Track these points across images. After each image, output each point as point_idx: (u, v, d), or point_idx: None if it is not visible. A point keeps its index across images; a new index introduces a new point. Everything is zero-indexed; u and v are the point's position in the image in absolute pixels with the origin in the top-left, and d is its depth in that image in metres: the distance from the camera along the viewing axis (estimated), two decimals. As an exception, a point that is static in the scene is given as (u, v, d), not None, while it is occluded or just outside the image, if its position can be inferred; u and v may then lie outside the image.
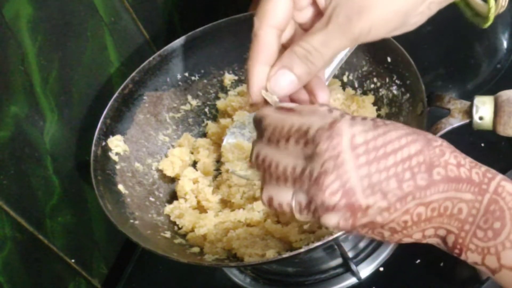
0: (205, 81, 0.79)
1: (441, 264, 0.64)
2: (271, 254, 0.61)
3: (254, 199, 0.68)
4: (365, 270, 0.68)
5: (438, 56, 0.84)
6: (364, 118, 0.38)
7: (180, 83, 0.77)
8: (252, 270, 0.72)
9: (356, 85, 0.74)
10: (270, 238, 0.64)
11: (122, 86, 0.72)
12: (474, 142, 0.73)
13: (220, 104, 0.78)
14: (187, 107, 0.78)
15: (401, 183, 0.36)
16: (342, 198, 0.36)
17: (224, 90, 0.79)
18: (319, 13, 0.44)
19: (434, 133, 0.61)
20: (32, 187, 0.66)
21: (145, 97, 0.75)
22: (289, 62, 0.42)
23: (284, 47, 0.44)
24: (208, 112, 0.80)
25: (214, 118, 0.80)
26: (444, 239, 0.39)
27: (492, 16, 0.51)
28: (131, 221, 0.65)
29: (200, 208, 0.70)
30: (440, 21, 0.87)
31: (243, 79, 0.79)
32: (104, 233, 0.78)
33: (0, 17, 0.60)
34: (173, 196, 0.73)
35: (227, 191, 0.70)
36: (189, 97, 0.78)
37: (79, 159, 0.72)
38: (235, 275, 0.72)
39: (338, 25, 0.40)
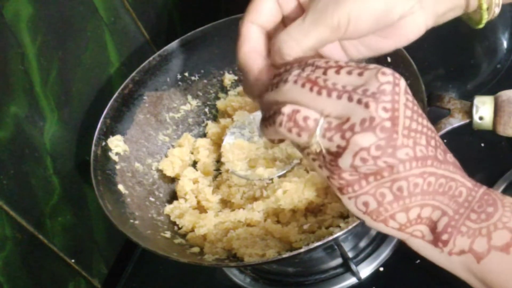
0: (205, 81, 0.79)
1: (441, 264, 0.64)
2: (271, 254, 0.61)
3: (254, 199, 0.68)
4: (365, 270, 0.68)
5: (438, 56, 0.84)
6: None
7: (180, 83, 0.77)
8: (252, 270, 0.72)
9: None
10: (270, 238, 0.64)
11: (122, 86, 0.72)
12: (474, 142, 0.73)
13: (220, 104, 0.78)
14: (187, 107, 0.78)
15: (428, 145, 0.38)
16: (389, 120, 0.36)
17: (224, 90, 0.79)
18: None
19: None
20: (32, 187, 0.66)
21: (145, 97, 0.75)
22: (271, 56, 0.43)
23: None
24: (208, 112, 0.80)
25: (214, 118, 0.80)
26: (434, 224, 0.39)
27: (483, 22, 0.51)
28: (131, 221, 0.65)
29: (200, 208, 0.70)
30: (440, 21, 0.87)
31: (243, 79, 0.79)
32: (104, 233, 0.78)
33: (0, 17, 0.60)
34: (173, 196, 0.73)
35: (227, 191, 0.70)
36: (189, 97, 0.78)
37: (79, 159, 0.72)
38: (235, 275, 0.72)
39: (316, 12, 0.40)
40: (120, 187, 0.68)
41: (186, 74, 0.77)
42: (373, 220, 0.39)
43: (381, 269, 0.68)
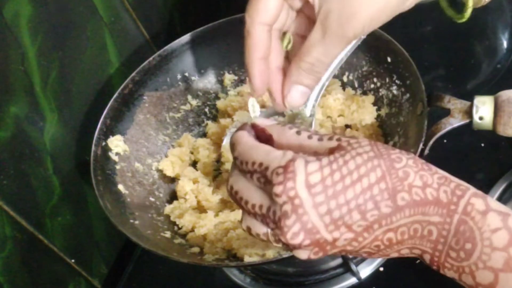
0: (205, 81, 0.79)
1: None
2: (271, 254, 0.61)
3: None
4: (365, 270, 0.68)
5: (438, 56, 0.84)
6: (319, 157, 0.37)
7: (180, 83, 0.77)
8: (252, 270, 0.72)
9: (356, 85, 0.74)
10: None
11: (122, 86, 0.72)
12: (474, 142, 0.73)
13: (220, 104, 0.78)
14: (187, 107, 0.78)
15: (364, 214, 0.36)
16: (305, 239, 0.36)
17: (224, 90, 0.79)
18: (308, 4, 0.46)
19: (434, 133, 0.61)
20: (32, 187, 0.66)
21: (145, 97, 0.75)
22: (298, 78, 0.47)
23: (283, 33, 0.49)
24: (208, 112, 0.80)
25: (214, 118, 0.80)
26: (421, 256, 0.39)
27: (469, 11, 0.51)
28: (131, 221, 0.65)
29: (200, 208, 0.70)
30: (440, 21, 0.87)
31: (243, 79, 0.79)
32: (104, 233, 0.78)
33: (0, 17, 0.60)
34: (173, 196, 0.73)
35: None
36: (189, 97, 0.78)
37: (79, 159, 0.72)
38: (235, 275, 0.72)
39: (334, 34, 0.44)
40: (120, 187, 0.68)
41: (186, 74, 0.77)
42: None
43: (381, 269, 0.68)
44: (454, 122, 0.59)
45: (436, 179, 0.37)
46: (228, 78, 0.79)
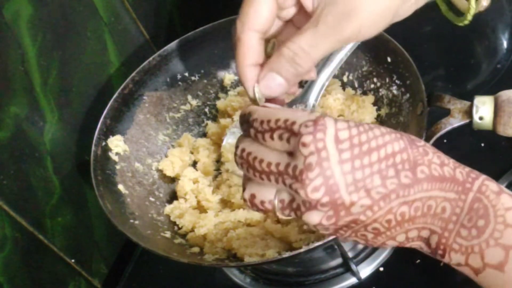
0: (205, 81, 0.79)
1: (441, 264, 0.64)
2: (271, 254, 0.61)
3: None
4: (365, 270, 0.68)
5: (438, 56, 0.84)
6: (346, 119, 0.38)
7: (180, 83, 0.77)
8: (252, 270, 0.72)
9: (356, 85, 0.74)
10: (270, 238, 0.64)
11: (122, 86, 0.72)
12: (474, 142, 0.73)
13: (220, 104, 0.78)
14: (187, 107, 0.78)
15: (385, 180, 0.36)
16: (325, 195, 0.36)
17: (224, 90, 0.79)
18: (302, 10, 0.44)
19: (434, 133, 0.61)
20: (32, 187, 0.66)
21: (145, 97, 0.75)
22: (276, 65, 0.42)
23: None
24: (208, 112, 0.80)
25: (214, 118, 0.80)
26: (427, 241, 0.38)
27: (470, 15, 0.51)
28: (131, 221, 0.65)
29: (200, 208, 0.70)
30: (440, 21, 0.87)
31: None
32: (104, 233, 0.78)
33: (0, 17, 0.60)
34: (173, 196, 0.73)
35: (227, 191, 0.70)
36: (189, 97, 0.78)
37: (79, 159, 0.72)
38: (235, 275, 0.72)
39: (327, 27, 0.41)
40: (120, 187, 0.68)
41: (186, 74, 0.77)
42: (373, 246, 0.40)
43: (381, 269, 0.68)
44: (454, 122, 0.59)
45: (452, 162, 0.39)
46: (228, 78, 0.79)
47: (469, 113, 0.59)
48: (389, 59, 0.68)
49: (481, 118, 0.57)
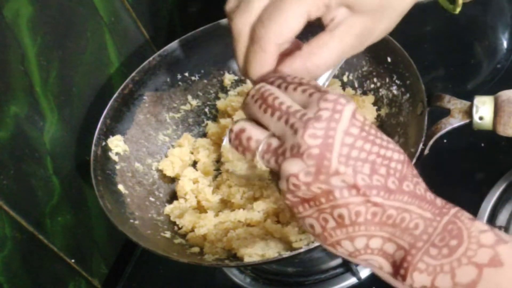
0: (205, 81, 0.79)
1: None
2: (271, 254, 0.61)
3: (254, 199, 0.68)
4: (365, 270, 0.68)
5: (438, 56, 0.84)
6: None
7: (180, 83, 0.77)
8: (252, 270, 0.72)
9: (356, 85, 0.74)
10: (270, 238, 0.64)
11: (122, 86, 0.72)
12: (474, 142, 0.73)
13: (220, 104, 0.78)
14: (187, 107, 0.78)
15: (373, 173, 0.36)
16: (318, 146, 0.36)
17: (224, 90, 0.79)
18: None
19: (434, 133, 0.61)
20: (32, 187, 0.66)
21: (145, 97, 0.75)
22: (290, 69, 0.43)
23: None
24: (208, 112, 0.80)
25: (214, 118, 0.80)
26: (391, 257, 0.38)
27: (460, 3, 0.51)
28: (131, 221, 0.65)
29: (200, 208, 0.70)
30: (440, 21, 0.87)
31: (243, 79, 0.79)
32: (104, 233, 0.78)
33: (0, 17, 0.60)
34: (173, 196, 0.73)
35: (227, 191, 0.70)
36: (189, 97, 0.78)
37: (79, 159, 0.72)
38: (235, 275, 0.72)
39: (346, 46, 0.44)
40: (120, 187, 0.68)
41: (186, 74, 0.77)
42: (323, 242, 0.39)
43: (381, 269, 0.68)
44: (454, 122, 0.59)
45: (434, 194, 0.39)
46: (228, 78, 0.79)
47: (469, 113, 0.59)
48: (389, 59, 0.68)
49: (481, 118, 0.57)
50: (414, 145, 0.59)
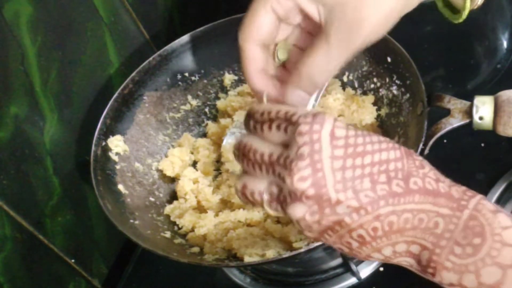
0: (205, 81, 0.79)
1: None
2: (271, 254, 0.61)
3: None
4: (365, 270, 0.68)
5: (438, 56, 0.84)
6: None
7: (180, 83, 0.77)
8: (252, 270, 0.72)
9: (356, 85, 0.74)
10: (270, 238, 0.64)
11: (122, 86, 0.72)
12: (474, 142, 0.73)
13: (220, 104, 0.78)
14: (187, 107, 0.78)
15: (375, 184, 0.36)
16: (310, 186, 0.35)
17: (224, 90, 0.79)
18: (308, 17, 0.45)
19: (434, 133, 0.61)
20: (32, 187, 0.66)
21: (145, 97, 0.75)
22: (298, 83, 0.44)
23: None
24: (208, 112, 0.80)
25: (214, 118, 0.80)
26: (418, 258, 0.37)
27: (466, 13, 0.51)
28: (131, 221, 0.65)
29: (200, 208, 0.70)
30: (440, 21, 0.87)
31: (243, 79, 0.79)
32: (104, 233, 0.78)
33: (0, 17, 0.60)
34: (173, 196, 0.73)
35: (227, 191, 0.70)
36: (189, 97, 0.78)
37: (79, 159, 0.72)
38: (235, 275, 0.72)
39: (339, 41, 0.42)
40: (120, 187, 0.68)
41: (186, 74, 0.77)
42: (357, 258, 0.40)
43: (381, 269, 0.68)
44: (454, 122, 0.59)
45: (448, 180, 0.38)
46: (228, 78, 0.79)
47: (469, 113, 0.58)
48: (389, 59, 0.68)
49: (481, 118, 0.57)
50: (414, 145, 0.59)
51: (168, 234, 0.67)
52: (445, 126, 0.59)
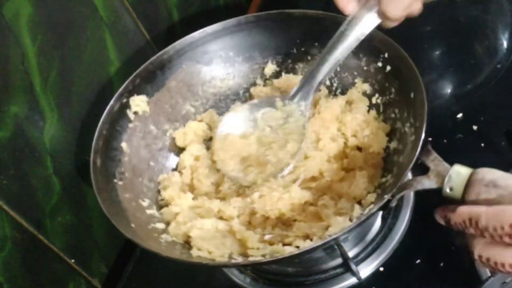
0: (247, 64, 0.78)
1: (441, 264, 0.64)
2: (222, 253, 0.60)
3: (237, 194, 0.68)
4: (365, 270, 0.68)
5: (438, 56, 0.84)
6: None
7: (222, 60, 0.77)
8: (252, 270, 0.72)
9: (381, 110, 0.71)
10: (231, 237, 0.64)
11: (162, 52, 0.73)
12: (474, 142, 0.73)
13: (253, 90, 0.78)
14: (223, 84, 0.78)
15: None
16: None
17: (263, 78, 0.79)
18: None
19: (403, 188, 0.58)
20: (32, 187, 0.66)
21: (183, 66, 0.75)
22: None
23: None
24: (241, 95, 0.80)
25: (245, 102, 0.79)
26: None
27: None
28: (115, 180, 0.66)
29: (192, 187, 0.71)
30: (440, 21, 0.88)
31: (284, 72, 0.78)
32: (104, 233, 0.78)
33: (0, 17, 0.60)
34: (174, 169, 0.74)
35: (220, 177, 0.70)
36: (228, 76, 0.78)
37: (79, 159, 0.72)
38: (235, 275, 0.72)
39: None
40: (124, 144, 0.69)
41: (231, 53, 0.77)
42: None
43: (381, 269, 0.68)
44: (426, 184, 0.57)
45: None
46: (270, 67, 0.78)
47: (443, 180, 0.57)
48: (412, 95, 0.65)
49: (451, 189, 0.56)
50: (390, 190, 0.57)
51: (146, 202, 0.67)
52: (416, 186, 0.58)
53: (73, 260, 0.72)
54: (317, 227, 0.62)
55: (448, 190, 0.56)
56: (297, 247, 0.60)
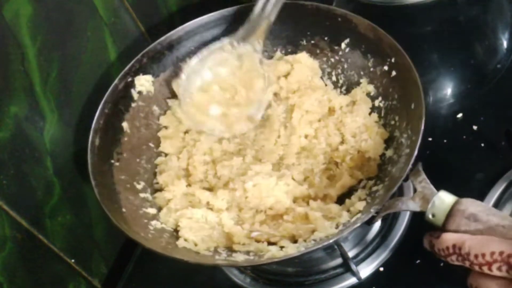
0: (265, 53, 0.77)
1: (441, 264, 0.64)
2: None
3: (226, 184, 0.68)
4: (365, 270, 0.68)
5: (438, 56, 0.84)
6: None
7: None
8: (252, 270, 0.72)
9: (382, 114, 0.70)
10: (218, 230, 0.64)
11: (172, 32, 0.74)
12: (474, 142, 0.73)
13: None
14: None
15: None
16: None
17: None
18: None
19: (387, 208, 0.58)
20: (32, 187, 0.66)
21: (192, 48, 0.75)
22: None
23: None
24: None
25: None
26: None
27: None
28: (112, 161, 0.66)
29: (187, 172, 0.70)
30: (440, 21, 0.87)
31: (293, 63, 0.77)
32: (104, 233, 0.78)
33: (0, 17, 0.60)
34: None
35: (210, 167, 0.70)
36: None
37: (79, 159, 0.72)
38: (235, 275, 0.72)
39: None
40: (125, 124, 0.69)
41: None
42: None
43: (381, 269, 0.68)
44: (410, 206, 0.57)
45: None
46: (278, 56, 0.77)
47: (427, 204, 0.57)
48: (412, 106, 0.64)
49: (433, 215, 0.56)
50: (380, 204, 0.57)
51: (141, 185, 0.68)
52: (401, 206, 0.57)
53: (73, 260, 0.72)
54: (304, 229, 0.61)
55: (430, 216, 0.56)
56: (282, 247, 0.60)
